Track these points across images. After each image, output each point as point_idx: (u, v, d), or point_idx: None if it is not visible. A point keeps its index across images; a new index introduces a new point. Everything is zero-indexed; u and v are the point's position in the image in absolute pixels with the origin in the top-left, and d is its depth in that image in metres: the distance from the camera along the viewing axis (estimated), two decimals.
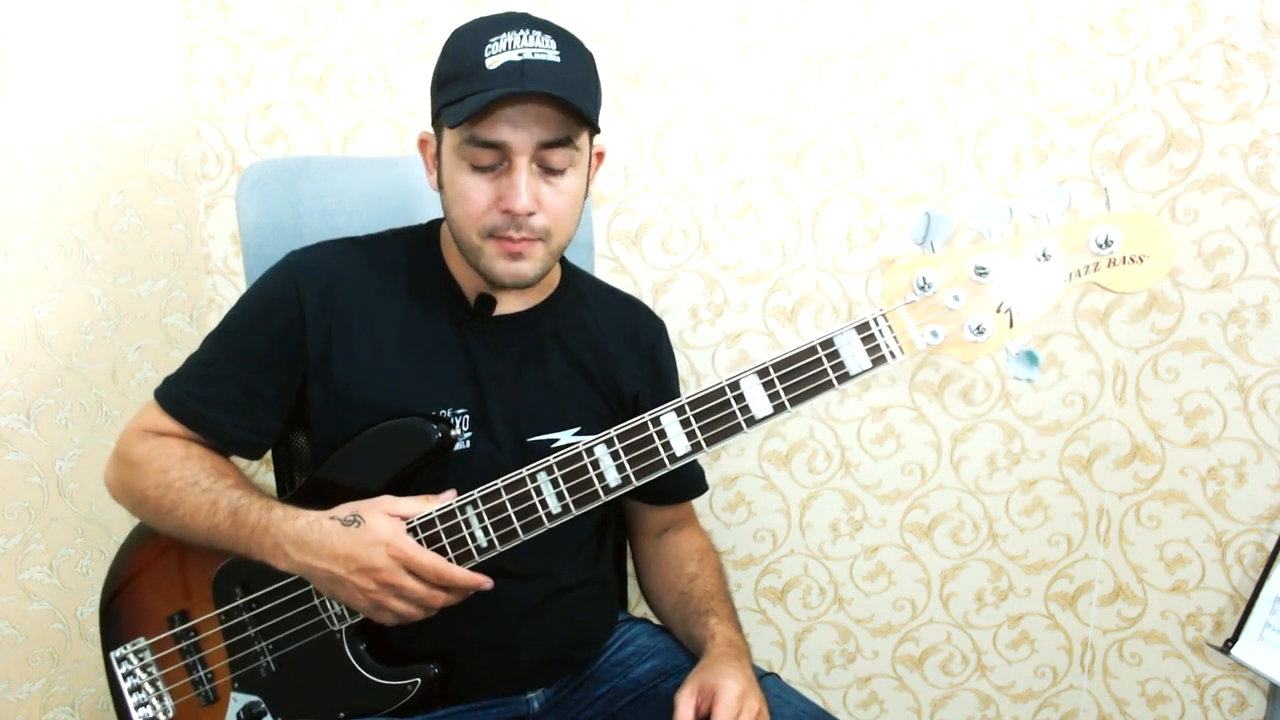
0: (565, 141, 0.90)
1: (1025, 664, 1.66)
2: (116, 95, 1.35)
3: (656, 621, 1.16)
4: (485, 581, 0.90)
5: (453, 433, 0.95)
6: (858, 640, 1.66)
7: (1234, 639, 1.30)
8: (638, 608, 1.64)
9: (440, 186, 0.97)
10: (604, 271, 1.48)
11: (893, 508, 1.59)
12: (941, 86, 1.43)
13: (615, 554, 1.21)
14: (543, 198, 0.91)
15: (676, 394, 1.15)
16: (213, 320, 1.02)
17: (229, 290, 1.53)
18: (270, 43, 1.45)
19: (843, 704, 1.69)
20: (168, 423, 0.99)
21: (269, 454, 1.16)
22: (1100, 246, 0.81)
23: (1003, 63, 1.41)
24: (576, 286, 1.10)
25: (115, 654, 0.98)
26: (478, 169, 0.91)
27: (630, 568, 1.23)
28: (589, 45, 0.95)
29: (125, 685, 0.98)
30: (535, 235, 0.92)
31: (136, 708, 0.97)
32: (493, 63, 0.88)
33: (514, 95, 0.86)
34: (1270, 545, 1.32)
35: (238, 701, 0.96)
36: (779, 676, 1.03)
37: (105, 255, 1.34)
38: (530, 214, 0.90)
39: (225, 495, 0.93)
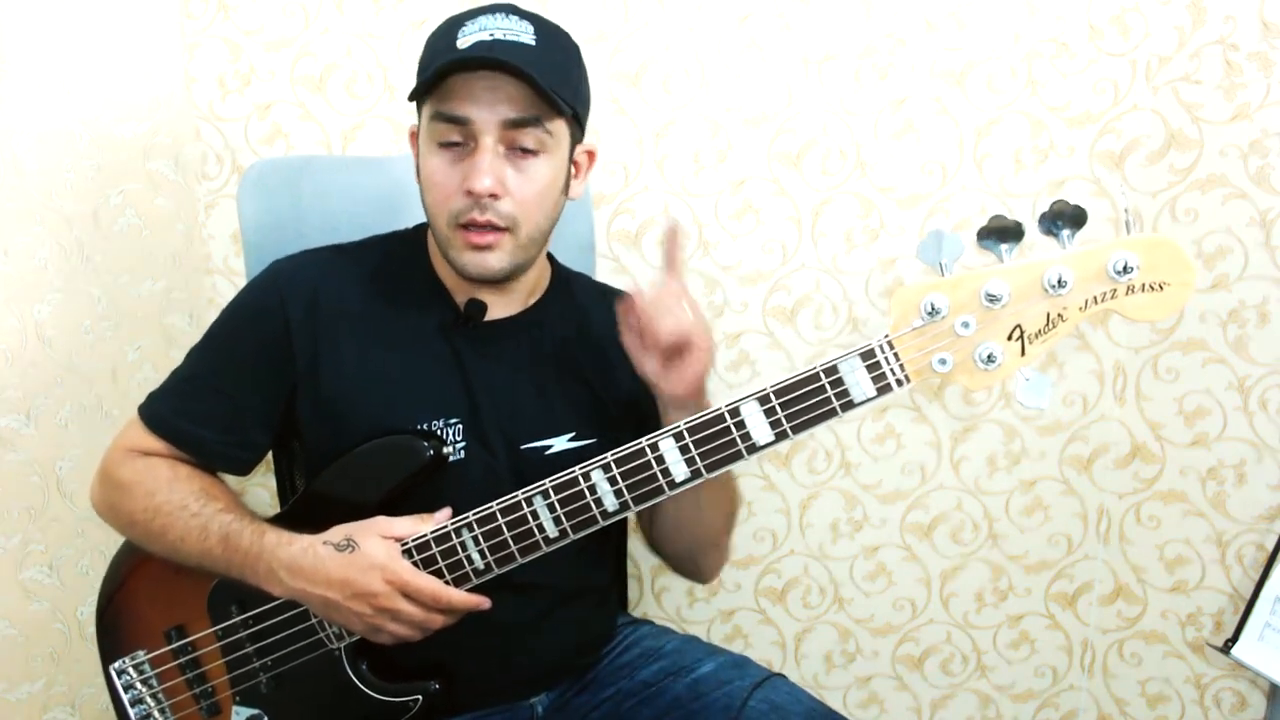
0: (534, 122, 0.88)
1: (1025, 664, 1.66)
2: (116, 95, 1.35)
3: (659, 623, 1.15)
4: (483, 602, 0.89)
5: (445, 449, 0.93)
6: (858, 640, 1.66)
7: (1234, 639, 1.30)
8: (638, 609, 1.65)
9: (419, 175, 0.96)
10: (604, 271, 1.48)
11: (893, 508, 1.59)
12: (941, 86, 1.43)
13: (615, 556, 1.20)
14: (508, 181, 0.89)
15: None
16: (212, 320, 1.01)
17: (229, 290, 1.53)
18: (270, 43, 1.45)
19: (843, 704, 1.69)
20: (152, 441, 0.97)
21: (269, 456, 1.16)
22: (1118, 273, 0.77)
23: (1003, 63, 1.41)
24: (569, 288, 1.08)
25: (114, 666, 0.98)
26: (445, 149, 0.90)
27: (630, 569, 1.23)
28: (589, 45, 0.95)
29: (126, 697, 0.97)
30: (501, 223, 0.90)
31: (140, 719, 0.97)
32: (464, 42, 0.87)
33: (473, 64, 0.85)
34: (1270, 545, 1.32)
35: (240, 715, 0.95)
36: (786, 676, 1.02)
37: (105, 255, 1.34)
38: (493, 196, 0.88)
39: (216, 520, 0.91)
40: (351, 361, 0.96)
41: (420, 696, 0.93)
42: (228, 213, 1.50)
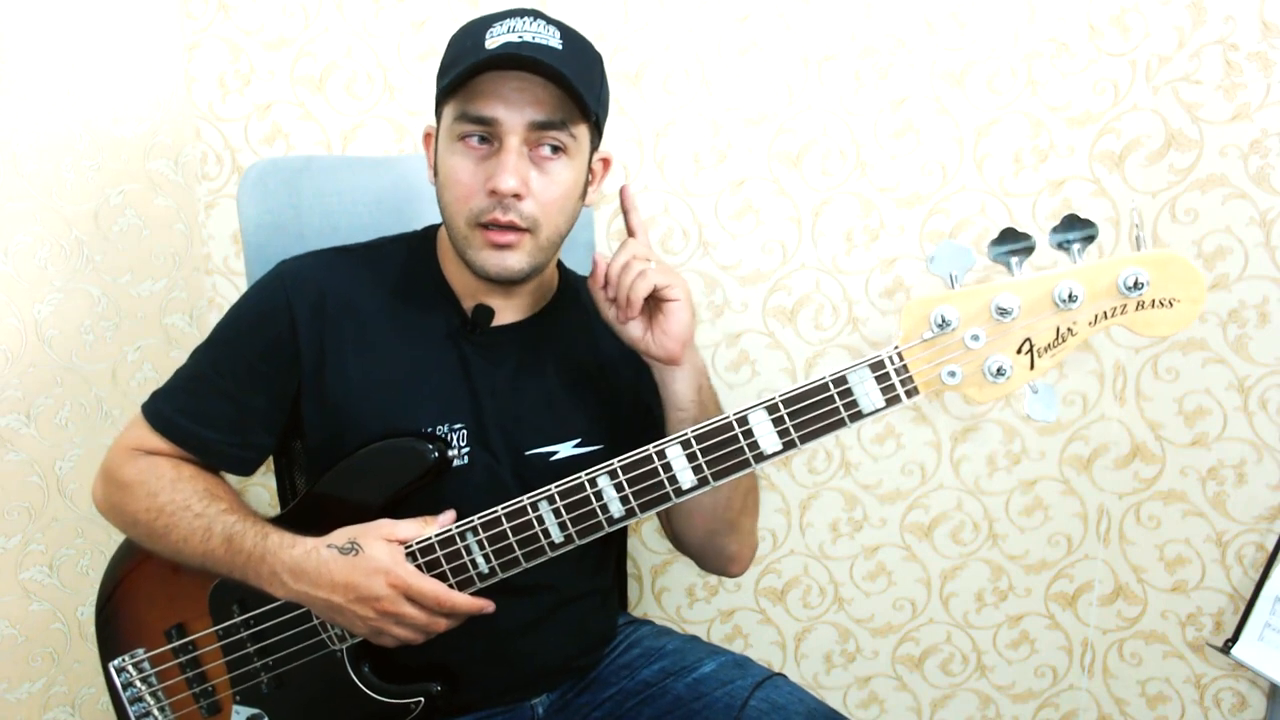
0: (559, 125, 0.89)
1: (1025, 664, 1.66)
2: (116, 95, 1.35)
3: (659, 623, 1.15)
4: (487, 606, 0.89)
5: (449, 452, 0.93)
6: (858, 640, 1.66)
7: (1234, 639, 1.30)
8: (638, 609, 1.65)
9: (436, 175, 0.95)
10: None
11: (893, 508, 1.59)
12: (941, 86, 1.43)
13: (616, 558, 1.20)
14: (532, 183, 0.89)
15: None
16: (213, 320, 1.01)
17: (229, 290, 1.53)
18: (270, 43, 1.45)
19: (843, 704, 1.69)
20: (156, 440, 0.97)
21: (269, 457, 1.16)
22: (1129, 289, 0.76)
23: (1003, 63, 1.42)
24: (575, 293, 1.07)
25: (114, 664, 0.97)
26: (470, 149, 0.90)
27: (630, 569, 1.23)
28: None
29: (125, 695, 0.97)
30: (523, 224, 0.90)
31: (138, 718, 0.97)
32: (492, 43, 0.87)
33: (506, 62, 0.85)
34: (1270, 545, 1.33)
35: (240, 714, 0.95)
36: (786, 676, 1.02)
37: (105, 255, 1.34)
38: (517, 196, 0.88)
39: (219, 521, 0.91)
40: (357, 364, 0.96)
41: (422, 698, 0.93)
42: (227, 213, 1.50)
